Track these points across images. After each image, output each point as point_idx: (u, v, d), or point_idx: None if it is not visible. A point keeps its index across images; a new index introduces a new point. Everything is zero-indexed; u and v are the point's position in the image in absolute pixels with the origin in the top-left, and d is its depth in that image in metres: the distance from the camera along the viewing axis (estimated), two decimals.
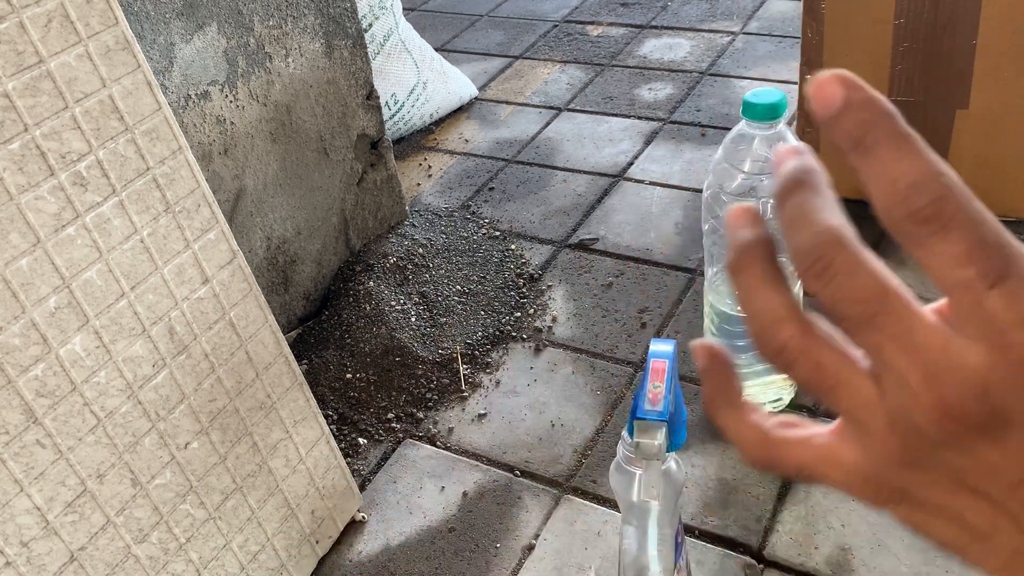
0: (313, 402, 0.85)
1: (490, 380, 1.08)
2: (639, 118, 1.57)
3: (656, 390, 0.62)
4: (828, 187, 0.23)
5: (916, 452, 0.23)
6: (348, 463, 0.97)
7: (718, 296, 0.91)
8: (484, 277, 1.23)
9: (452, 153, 1.55)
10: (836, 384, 0.23)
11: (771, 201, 0.23)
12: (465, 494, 0.94)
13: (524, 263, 1.26)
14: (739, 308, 0.24)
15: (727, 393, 0.26)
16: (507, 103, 1.68)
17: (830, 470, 0.25)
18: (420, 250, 1.25)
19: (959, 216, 0.21)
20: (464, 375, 1.08)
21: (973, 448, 0.22)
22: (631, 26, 1.89)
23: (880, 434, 0.23)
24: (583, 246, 1.28)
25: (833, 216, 0.22)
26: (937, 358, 0.21)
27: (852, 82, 0.21)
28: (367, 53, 1.19)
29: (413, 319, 1.14)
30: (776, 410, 0.97)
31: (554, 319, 1.15)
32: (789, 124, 0.99)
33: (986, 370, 0.21)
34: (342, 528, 0.92)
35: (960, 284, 0.21)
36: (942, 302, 0.23)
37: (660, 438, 0.61)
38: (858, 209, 0.24)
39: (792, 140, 0.82)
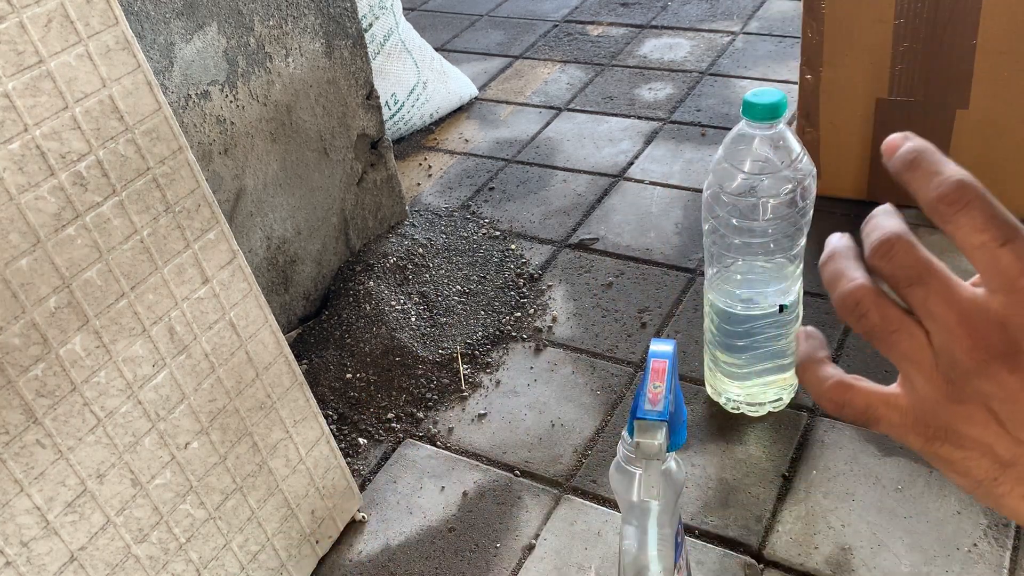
0: (313, 402, 0.85)
1: (490, 380, 1.08)
2: (639, 118, 1.57)
3: (656, 390, 0.62)
4: (899, 217, 0.31)
5: (956, 385, 0.29)
6: (348, 463, 0.97)
7: (718, 296, 0.91)
8: (484, 277, 1.23)
9: (452, 153, 1.55)
10: (898, 330, 0.30)
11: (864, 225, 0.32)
12: (465, 494, 0.94)
13: (524, 263, 1.26)
14: (825, 289, 0.32)
15: (814, 354, 0.34)
16: (507, 103, 1.68)
17: (890, 412, 0.31)
18: (420, 250, 1.25)
19: (976, 199, 0.28)
20: (464, 375, 1.08)
21: (998, 375, 0.28)
22: (631, 26, 1.89)
23: (928, 371, 0.30)
24: (583, 246, 1.28)
25: (897, 226, 0.30)
26: (967, 304, 0.29)
27: (911, 135, 0.31)
28: (367, 53, 1.19)
29: (413, 319, 1.14)
30: (776, 410, 0.97)
31: (554, 319, 1.15)
32: (789, 124, 0.99)
33: (1004, 310, 0.28)
34: (342, 528, 0.92)
35: (979, 246, 0.28)
36: (975, 278, 0.30)
37: (660, 438, 0.61)
38: (857, 208, 0.26)
39: (792, 140, 0.82)
